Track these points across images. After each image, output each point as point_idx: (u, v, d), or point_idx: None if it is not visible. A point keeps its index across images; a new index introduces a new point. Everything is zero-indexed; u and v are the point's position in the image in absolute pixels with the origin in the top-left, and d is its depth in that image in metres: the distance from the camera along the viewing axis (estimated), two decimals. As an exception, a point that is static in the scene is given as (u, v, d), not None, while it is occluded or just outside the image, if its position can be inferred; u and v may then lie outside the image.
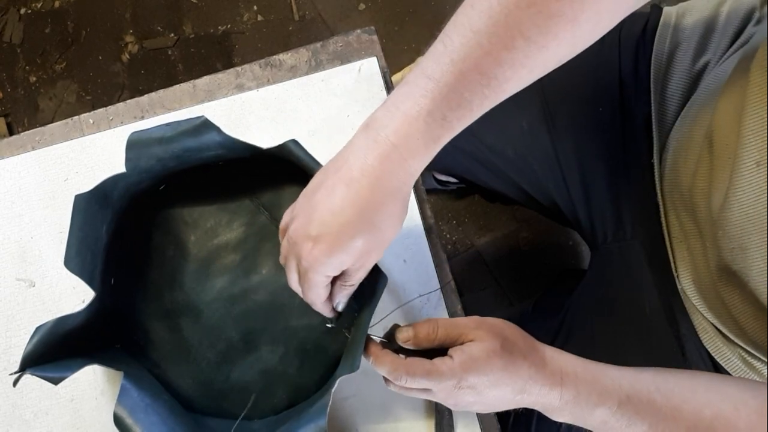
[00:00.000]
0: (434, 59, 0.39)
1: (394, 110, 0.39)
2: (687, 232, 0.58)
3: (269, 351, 0.54)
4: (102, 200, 0.49)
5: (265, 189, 0.57)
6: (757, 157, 0.45)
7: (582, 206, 0.68)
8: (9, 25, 1.40)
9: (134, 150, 0.48)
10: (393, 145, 0.39)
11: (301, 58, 0.63)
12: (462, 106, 0.39)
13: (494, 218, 1.29)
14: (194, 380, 0.54)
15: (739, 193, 0.47)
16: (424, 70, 0.39)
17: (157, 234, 0.56)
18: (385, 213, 0.40)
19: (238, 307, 0.55)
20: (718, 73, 0.57)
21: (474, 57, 0.38)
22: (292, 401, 0.54)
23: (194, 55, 1.38)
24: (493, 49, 0.37)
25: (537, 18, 0.37)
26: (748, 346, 0.55)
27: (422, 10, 1.34)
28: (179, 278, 0.56)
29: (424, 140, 0.39)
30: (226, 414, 0.53)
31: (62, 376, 0.44)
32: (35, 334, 0.44)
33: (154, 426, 0.45)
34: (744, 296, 0.51)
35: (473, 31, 0.38)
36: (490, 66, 0.38)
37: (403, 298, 0.57)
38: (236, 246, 0.56)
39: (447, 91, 0.38)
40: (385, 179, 0.39)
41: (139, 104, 0.62)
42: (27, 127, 1.37)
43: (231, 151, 0.51)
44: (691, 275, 0.59)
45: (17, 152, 0.61)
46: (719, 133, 0.50)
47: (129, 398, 0.45)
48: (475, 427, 0.54)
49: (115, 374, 0.57)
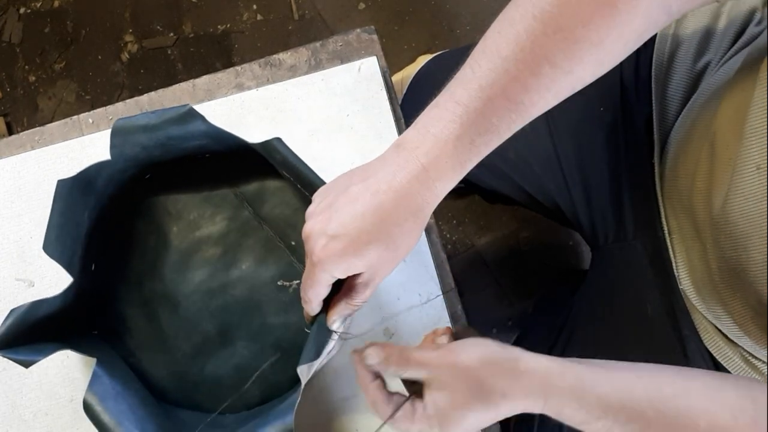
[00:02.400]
0: (463, 85, 0.40)
1: (425, 132, 0.40)
2: (685, 234, 0.58)
3: (244, 346, 0.55)
4: (85, 187, 0.49)
5: (249, 183, 0.57)
6: (757, 161, 0.45)
7: (583, 207, 0.68)
8: (8, 24, 1.40)
9: (119, 137, 0.49)
10: (422, 166, 0.40)
11: (300, 57, 0.63)
12: (490, 131, 0.40)
13: (494, 218, 1.29)
14: (168, 371, 0.54)
15: (738, 197, 0.47)
16: (453, 95, 0.40)
17: (140, 223, 0.56)
18: (403, 229, 0.41)
19: (216, 301, 0.55)
20: (719, 74, 0.57)
21: (501, 83, 0.39)
22: (265, 398, 0.54)
23: (194, 55, 1.38)
24: (521, 75, 0.38)
25: (563, 44, 0.38)
26: (748, 348, 0.55)
27: (422, 10, 1.34)
28: (159, 268, 0.56)
29: (452, 163, 0.40)
30: (199, 406, 0.53)
31: (34, 359, 0.44)
32: (9, 317, 0.44)
33: (123, 414, 0.45)
34: (744, 298, 0.51)
35: (501, 57, 0.39)
36: (518, 92, 0.39)
37: (402, 297, 0.57)
38: (218, 239, 0.56)
39: (475, 116, 0.39)
40: (411, 198, 0.40)
41: (139, 104, 0.62)
42: (26, 126, 1.37)
43: (216, 142, 0.51)
44: (690, 276, 0.59)
45: (16, 152, 0.61)
46: (720, 134, 0.50)
47: (100, 385, 0.45)
48: (476, 427, 0.54)
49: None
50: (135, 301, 0.55)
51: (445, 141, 0.39)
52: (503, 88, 0.39)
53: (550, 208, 0.71)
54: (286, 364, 0.54)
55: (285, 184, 0.56)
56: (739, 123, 0.47)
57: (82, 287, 0.50)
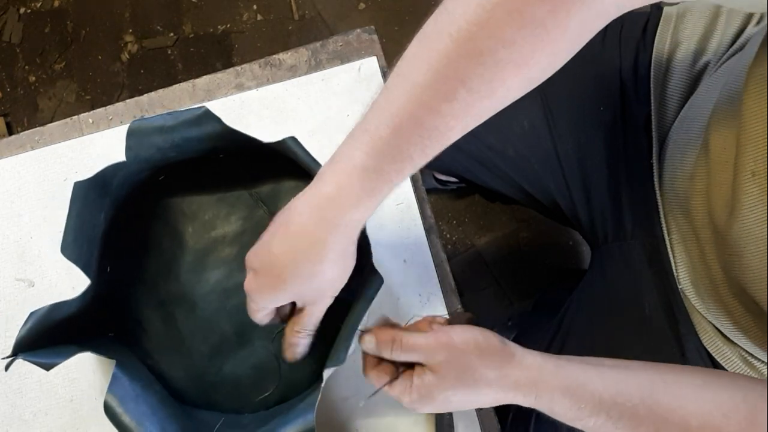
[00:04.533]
0: (375, 113, 0.38)
1: (333, 165, 0.40)
2: (684, 235, 0.58)
3: (262, 346, 0.54)
4: (101, 189, 0.49)
5: (264, 183, 0.57)
6: (752, 167, 0.44)
7: (582, 206, 0.68)
8: (8, 24, 1.40)
9: (135, 138, 0.48)
10: (328, 198, 0.40)
11: (300, 57, 0.63)
12: (400, 159, 0.38)
13: (494, 218, 1.29)
14: (186, 372, 0.54)
15: (736, 202, 0.47)
16: (365, 122, 0.39)
17: (155, 224, 0.56)
18: (323, 263, 0.41)
19: (232, 301, 0.55)
20: (717, 75, 0.57)
21: (411, 110, 0.37)
22: (284, 397, 0.54)
23: (194, 55, 1.38)
24: (433, 102, 0.36)
25: (481, 68, 0.35)
26: (748, 348, 0.55)
27: (422, 10, 1.34)
28: (175, 269, 0.56)
29: (358, 193, 0.39)
30: (217, 407, 0.53)
31: (54, 362, 0.44)
32: (29, 320, 0.44)
33: (144, 416, 0.45)
34: (743, 300, 0.51)
35: (412, 83, 0.37)
36: (430, 118, 0.37)
37: (402, 298, 0.57)
38: (233, 239, 0.56)
39: (381, 144, 0.38)
40: (322, 230, 0.40)
41: (139, 104, 0.62)
42: (26, 126, 1.37)
43: (231, 143, 0.51)
44: (689, 276, 0.59)
45: (17, 152, 0.61)
46: (716, 137, 0.50)
47: (120, 387, 0.45)
48: (476, 427, 0.54)
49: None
50: (151, 302, 0.55)
51: (349, 173, 0.39)
52: (413, 116, 0.37)
53: (550, 207, 0.71)
54: (303, 363, 0.54)
55: (300, 183, 0.56)
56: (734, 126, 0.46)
57: (99, 290, 0.50)
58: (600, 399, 0.40)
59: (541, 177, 0.68)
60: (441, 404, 0.42)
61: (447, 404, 0.42)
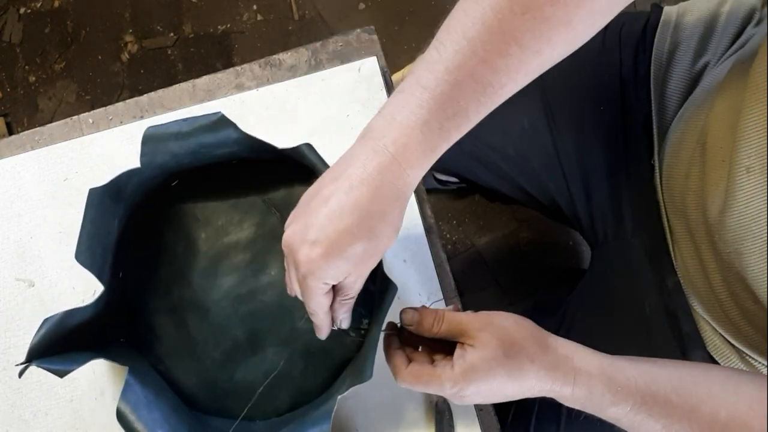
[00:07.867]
0: (428, 68, 0.39)
1: (391, 120, 0.39)
2: (679, 235, 0.58)
3: (274, 352, 0.54)
4: (115, 195, 0.49)
5: (277, 189, 0.56)
6: (747, 163, 0.45)
7: (582, 205, 0.68)
8: (8, 24, 1.40)
9: (150, 145, 0.48)
10: (391, 155, 0.39)
11: (300, 57, 0.63)
12: (459, 115, 0.39)
13: (494, 218, 1.29)
14: (198, 378, 0.54)
15: (730, 199, 0.47)
16: (419, 79, 0.39)
17: (168, 230, 0.56)
18: (384, 221, 0.40)
19: (245, 307, 0.55)
20: (715, 75, 0.57)
21: (469, 66, 0.37)
22: (295, 403, 0.53)
23: (194, 55, 1.38)
24: (488, 56, 0.37)
25: (531, 24, 0.37)
26: (745, 349, 0.55)
27: (422, 10, 1.34)
28: (188, 275, 0.56)
29: (421, 149, 0.39)
30: (230, 414, 0.53)
31: (68, 369, 0.44)
32: (42, 326, 0.43)
33: (156, 423, 0.45)
34: (742, 300, 0.51)
35: (467, 38, 0.37)
36: (486, 74, 0.38)
37: (402, 298, 0.57)
38: (246, 245, 0.56)
39: (443, 100, 0.38)
40: (385, 188, 0.39)
41: (139, 104, 0.62)
42: (26, 126, 1.37)
43: (246, 149, 0.51)
44: (684, 277, 0.59)
45: (16, 152, 0.61)
46: (712, 136, 0.50)
47: (133, 394, 0.45)
48: (476, 427, 0.54)
49: (116, 374, 0.56)
50: (164, 308, 0.55)
51: (412, 128, 0.38)
52: (471, 71, 0.37)
53: (550, 206, 0.71)
54: (316, 370, 0.54)
55: None
56: (731, 124, 0.47)
57: (112, 295, 0.50)
58: (636, 385, 0.40)
59: (541, 176, 0.68)
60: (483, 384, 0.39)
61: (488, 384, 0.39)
